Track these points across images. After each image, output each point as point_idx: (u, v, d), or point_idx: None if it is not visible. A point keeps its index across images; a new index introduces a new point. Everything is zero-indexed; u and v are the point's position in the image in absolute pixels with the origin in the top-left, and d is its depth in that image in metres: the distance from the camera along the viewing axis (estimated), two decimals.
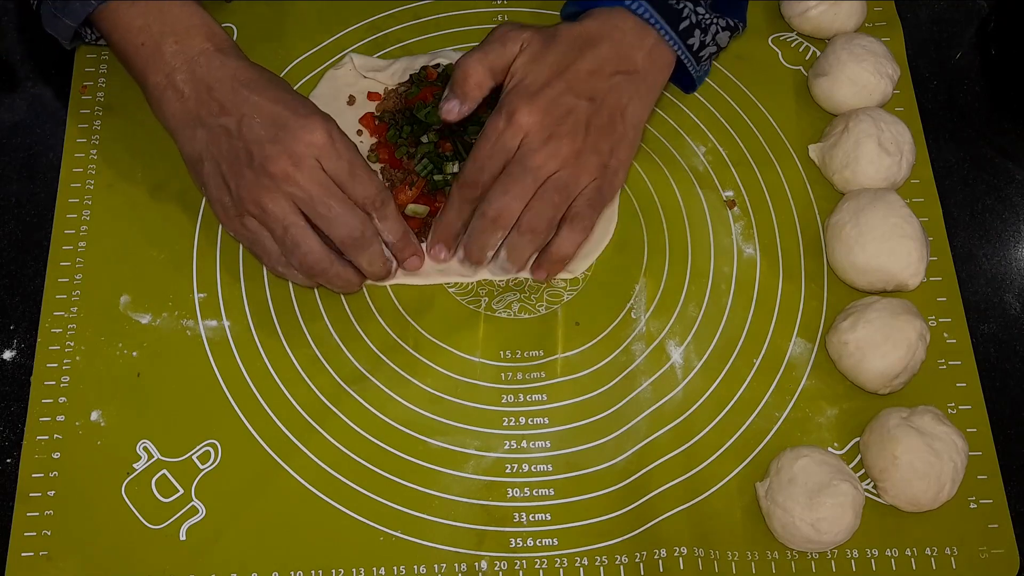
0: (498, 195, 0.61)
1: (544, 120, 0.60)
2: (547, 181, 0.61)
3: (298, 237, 0.59)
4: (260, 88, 0.61)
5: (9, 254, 0.67)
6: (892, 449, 0.60)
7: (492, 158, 0.61)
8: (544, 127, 0.60)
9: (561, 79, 0.61)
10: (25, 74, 0.74)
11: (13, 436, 0.61)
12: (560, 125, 0.60)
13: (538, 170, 0.60)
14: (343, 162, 0.60)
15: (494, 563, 0.59)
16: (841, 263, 0.66)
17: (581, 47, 0.62)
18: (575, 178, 0.61)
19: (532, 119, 0.60)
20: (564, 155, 0.61)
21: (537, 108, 0.60)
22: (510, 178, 0.61)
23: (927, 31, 0.79)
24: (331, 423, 0.62)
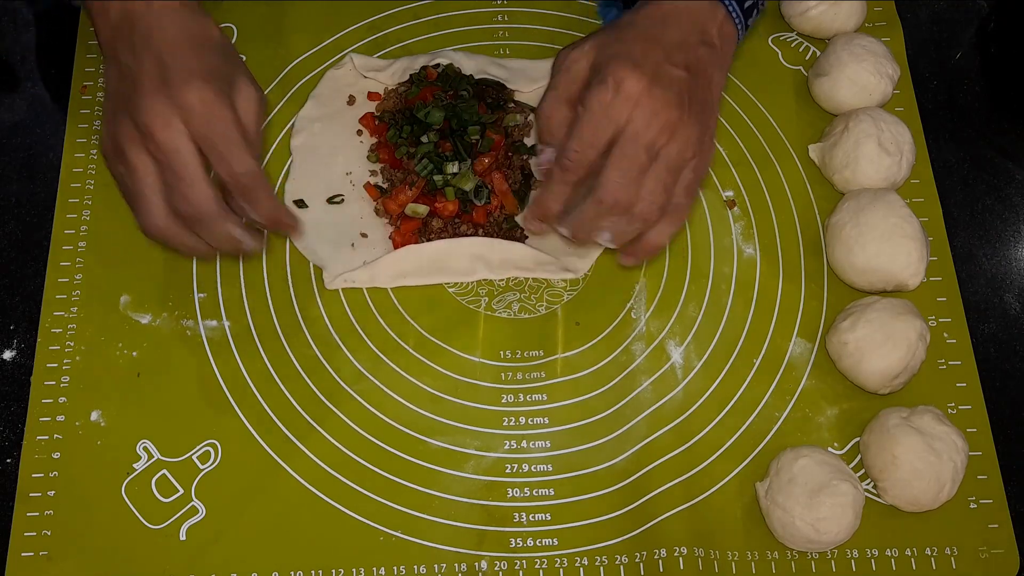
0: (615, 180, 0.57)
1: (652, 89, 0.57)
2: (658, 156, 0.58)
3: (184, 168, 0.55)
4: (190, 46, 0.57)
5: (9, 254, 0.67)
6: (892, 449, 0.60)
7: (601, 132, 0.57)
8: (653, 97, 0.57)
9: (657, 47, 0.58)
10: (25, 74, 0.74)
11: (13, 436, 0.61)
12: (667, 93, 0.57)
13: (652, 146, 0.57)
14: (212, 134, 0.55)
15: (494, 563, 0.59)
16: (841, 263, 0.66)
17: (662, 21, 0.59)
18: (682, 154, 0.58)
19: (640, 86, 0.56)
20: (674, 126, 0.57)
21: (644, 76, 0.57)
22: (625, 159, 0.57)
23: (927, 31, 0.79)
24: (331, 423, 0.62)
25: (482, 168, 0.67)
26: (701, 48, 0.60)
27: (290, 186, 0.68)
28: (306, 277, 0.66)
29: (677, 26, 0.60)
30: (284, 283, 0.66)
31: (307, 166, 0.69)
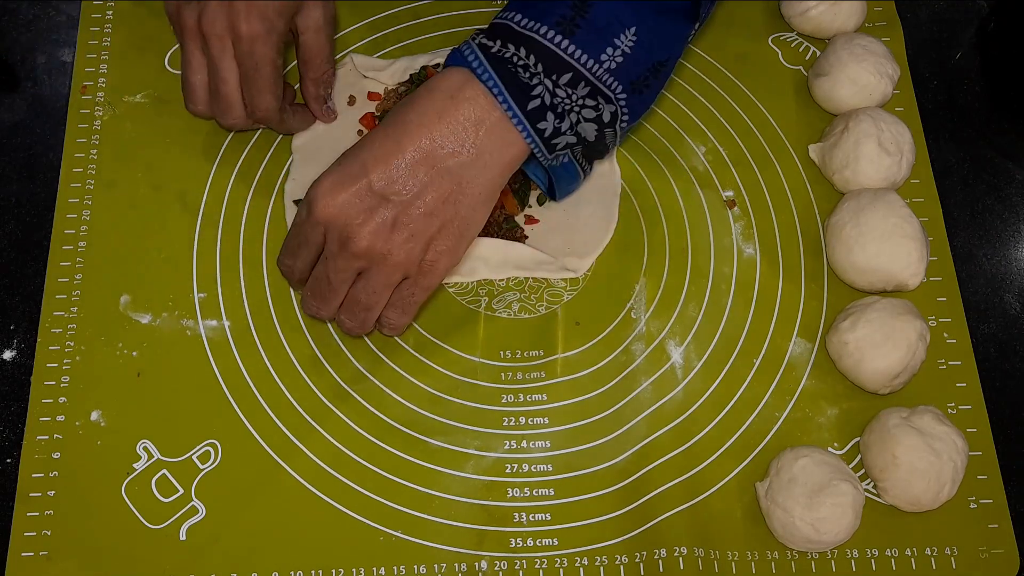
0: (308, 297, 0.60)
1: (342, 217, 0.55)
2: (358, 278, 0.58)
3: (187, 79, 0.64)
4: None
5: (9, 254, 0.67)
6: (892, 449, 0.60)
7: (300, 250, 0.58)
8: (344, 226, 0.55)
9: (364, 168, 0.54)
10: (25, 74, 0.74)
11: (13, 436, 0.61)
12: (361, 226, 0.55)
13: (341, 273, 0.57)
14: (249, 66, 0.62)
15: (494, 563, 0.59)
16: (841, 263, 0.66)
17: (403, 131, 0.55)
18: (383, 278, 0.57)
19: (330, 213, 0.55)
20: (363, 256, 0.56)
21: (335, 201, 0.54)
22: (316, 281, 0.59)
23: (927, 31, 0.79)
24: (331, 423, 0.62)
25: None
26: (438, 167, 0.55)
27: (290, 186, 0.69)
28: None
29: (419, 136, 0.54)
30: (284, 283, 0.66)
31: (308, 166, 0.69)
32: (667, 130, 0.72)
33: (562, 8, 0.54)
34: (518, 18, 0.55)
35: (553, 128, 0.55)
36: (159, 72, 0.72)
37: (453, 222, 0.57)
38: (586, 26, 0.54)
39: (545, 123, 0.55)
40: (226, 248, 0.67)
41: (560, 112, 0.55)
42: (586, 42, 0.54)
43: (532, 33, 0.54)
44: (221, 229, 0.67)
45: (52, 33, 0.75)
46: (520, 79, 0.54)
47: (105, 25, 0.74)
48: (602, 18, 0.54)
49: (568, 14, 0.54)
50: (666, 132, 0.72)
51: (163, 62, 0.73)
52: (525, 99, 0.54)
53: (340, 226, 0.55)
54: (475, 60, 0.54)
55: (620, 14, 0.54)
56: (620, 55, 0.55)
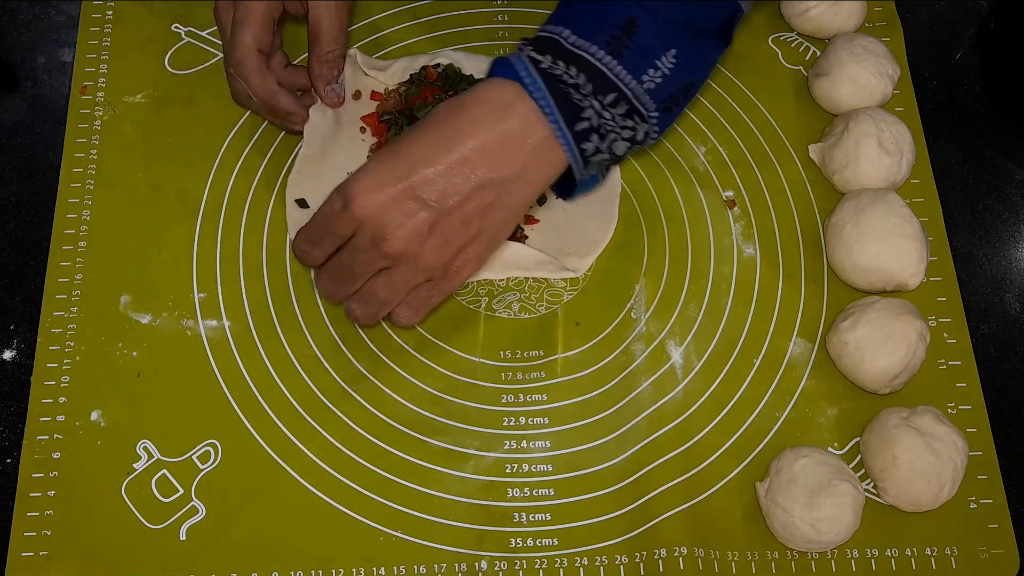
0: (324, 279, 0.58)
1: (380, 215, 0.54)
2: (378, 274, 0.57)
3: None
4: None
5: (9, 254, 0.67)
6: (892, 449, 0.60)
7: (324, 238, 0.56)
8: (380, 226, 0.54)
9: (411, 170, 0.53)
10: (25, 74, 0.74)
11: (13, 436, 0.61)
12: (399, 227, 0.54)
13: (366, 266, 0.56)
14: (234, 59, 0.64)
15: (494, 563, 0.59)
16: (841, 263, 0.66)
17: (450, 136, 0.54)
18: (406, 277, 0.57)
19: (369, 211, 0.54)
20: (394, 256, 0.55)
21: (376, 200, 0.53)
22: (338, 269, 0.57)
23: (927, 31, 0.79)
24: (331, 423, 0.62)
25: None
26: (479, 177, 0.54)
27: (292, 183, 0.68)
28: (306, 277, 0.66)
29: (466, 143, 0.54)
30: (284, 283, 0.66)
31: (309, 163, 0.69)
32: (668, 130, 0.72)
33: (611, 29, 0.54)
34: (567, 34, 0.54)
35: (594, 148, 0.56)
36: (159, 72, 0.72)
37: (485, 232, 0.57)
38: (633, 47, 0.54)
39: (589, 143, 0.55)
40: (226, 248, 0.67)
41: (603, 133, 0.55)
42: (632, 63, 0.54)
43: (582, 52, 0.54)
44: (221, 229, 0.67)
45: (52, 33, 0.75)
46: (572, 100, 0.54)
47: (105, 25, 0.74)
48: (647, 40, 0.54)
49: (617, 34, 0.54)
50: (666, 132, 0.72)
51: (163, 62, 0.73)
52: (574, 120, 0.54)
53: (376, 225, 0.54)
54: (527, 75, 0.54)
55: (663, 36, 0.55)
56: (660, 76, 0.55)
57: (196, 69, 0.73)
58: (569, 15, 0.55)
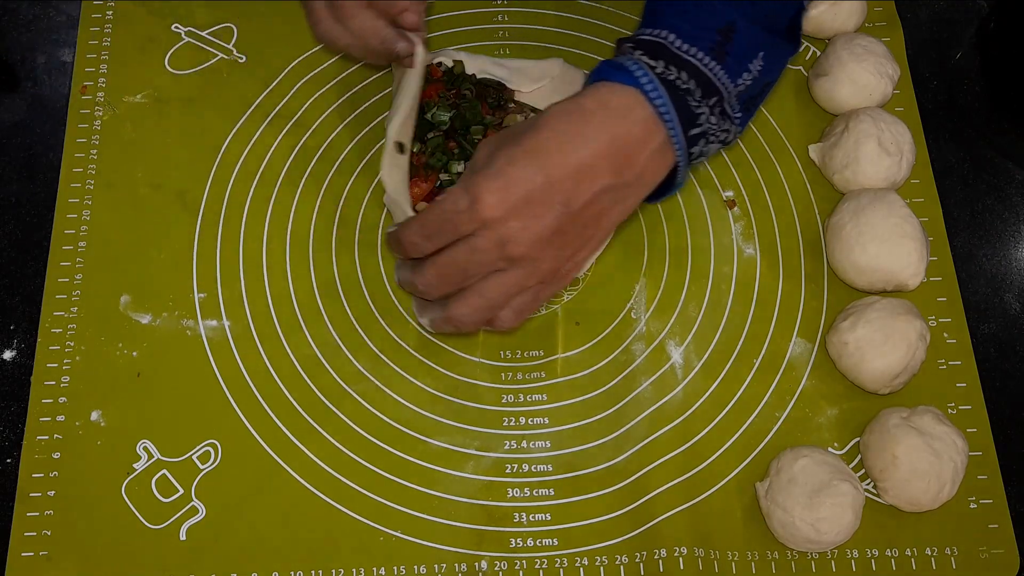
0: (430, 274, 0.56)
1: (508, 218, 0.53)
2: (489, 275, 0.55)
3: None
4: None
5: (9, 254, 0.67)
6: (892, 449, 0.60)
7: (440, 234, 0.55)
8: (507, 228, 0.53)
9: (541, 172, 0.52)
10: (25, 74, 0.74)
11: (13, 436, 0.61)
12: (524, 230, 0.53)
13: (482, 267, 0.55)
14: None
15: (494, 563, 0.59)
16: (841, 263, 0.66)
17: (573, 138, 0.53)
18: (519, 281, 0.55)
19: (497, 213, 0.52)
20: (516, 259, 0.54)
21: (506, 202, 0.52)
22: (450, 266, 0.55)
23: (927, 31, 0.79)
24: (331, 423, 0.62)
25: None
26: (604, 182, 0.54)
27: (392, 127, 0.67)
28: (306, 276, 0.66)
29: (589, 146, 0.53)
30: (284, 283, 0.66)
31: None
32: None
33: (712, 33, 0.55)
34: (673, 38, 0.55)
35: (700, 152, 0.56)
36: (159, 72, 0.72)
37: (596, 236, 0.57)
38: (733, 52, 0.55)
39: (697, 147, 0.56)
40: (226, 248, 0.67)
41: (709, 138, 0.56)
42: (732, 68, 0.55)
43: (690, 57, 0.54)
44: (221, 229, 0.67)
45: (52, 33, 0.75)
46: (689, 107, 0.54)
47: (105, 25, 0.74)
48: (743, 44, 0.55)
49: (718, 39, 0.55)
50: None
51: (163, 62, 0.73)
52: (690, 126, 0.55)
53: (503, 227, 0.53)
54: (647, 81, 0.54)
55: (755, 40, 0.56)
56: (750, 79, 0.56)
57: (196, 69, 0.73)
58: (667, 17, 0.56)
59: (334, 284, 0.66)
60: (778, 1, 0.57)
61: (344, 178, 0.70)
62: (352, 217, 0.68)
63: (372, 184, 0.69)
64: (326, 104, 0.72)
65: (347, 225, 0.68)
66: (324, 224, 0.68)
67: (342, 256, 0.67)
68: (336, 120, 0.72)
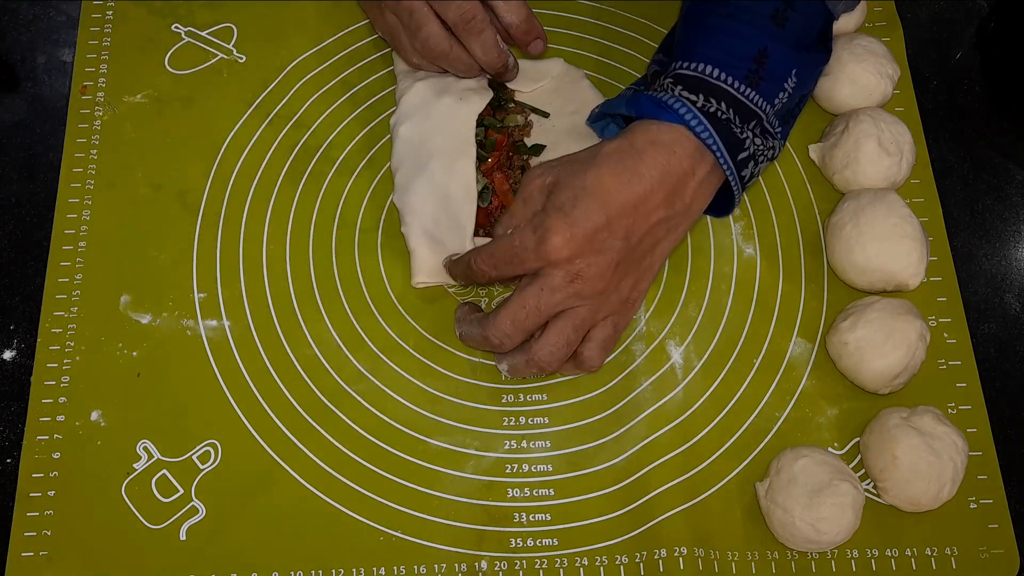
0: (504, 323, 0.58)
1: (574, 257, 0.57)
2: (562, 314, 0.58)
3: (420, 21, 0.64)
4: None
5: (9, 254, 0.67)
6: (892, 449, 0.60)
7: (509, 265, 0.58)
8: (573, 265, 0.57)
9: (603, 212, 0.56)
10: (25, 74, 0.74)
11: (13, 436, 0.61)
12: (589, 267, 0.57)
13: (554, 307, 0.58)
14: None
15: (494, 563, 0.59)
16: (841, 263, 0.66)
17: (629, 177, 0.57)
18: (591, 315, 0.59)
19: (564, 253, 0.56)
20: (585, 295, 0.58)
21: (572, 242, 0.56)
22: (522, 309, 0.58)
23: (927, 31, 0.79)
24: (331, 423, 0.62)
25: (486, 168, 0.67)
26: (659, 213, 0.58)
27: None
28: (306, 276, 0.66)
29: (642, 187, 0.57)
30: (284, 283, 0.66)
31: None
32: None
33: (747, 62, 0.59)
34: (710, 70, 0.58)
35: (751, 174, 0.61)
36: (159, 72, 0.72)
37: (655, 265, 0.61)
38: (767, 77, 0.59)
39: (747, 170, 0.60)
40: (226, 248, 0.67)
41: (757, 159, 0.60)
42: (767, 91, 0.59)
43: (727, 87, 0.58)
44: (221, 229, 0.67)
45: (52, 33, 0.75)
46: (734, 134, 0.58)
47: (105, 25, 0.74)
48: (776, 67, 0.59)
49: (752, 67, 0.59)
50: None
51: (163, 62, 0.73)
52: (738, 151, 0.59)
53: (570, 266, 0.57)
54: (692, 117, 0.57)
55: (787, 61, 0.60)
56: (786, 96, 0.61)
57: (196, 69, 0.73)
58: (701, 48, 0.59)
59: (334, 284, 0.66)
60: (806, 17, 0.60)
61: (344, 178, 0.70)
62: (352, 217, 0.68)
63: (372, 184, 0.70)
64: (326, 104, 0.72)
65: (347, 225, 0.68)
66: (324, 224, 0.68)
67: (342, 256, 0.67)
68: (336, 120, 0.72)
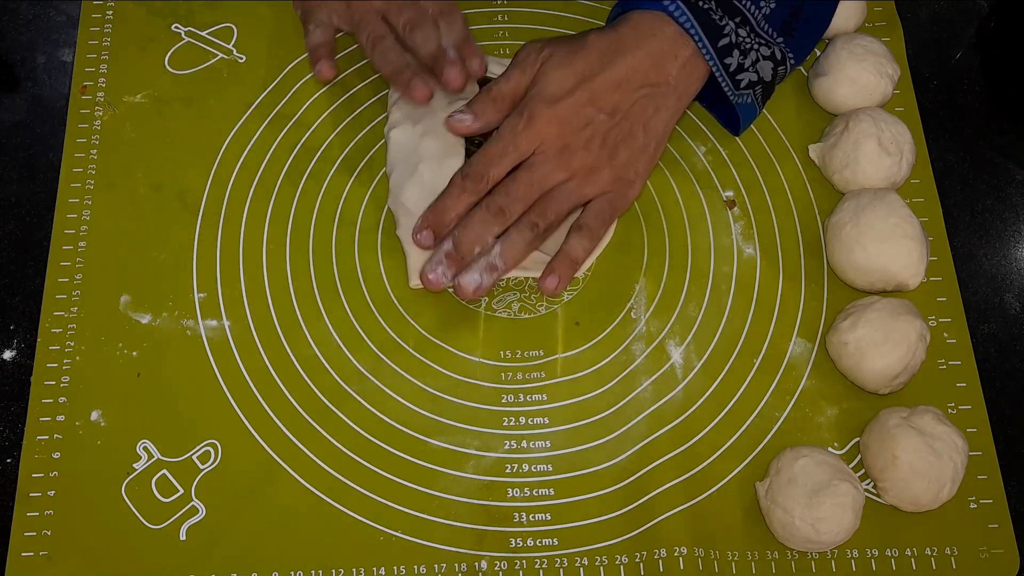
0: (502, 194, 0.62)
1: (562, 130, 0.61)
2: (553, 189, 0.62)
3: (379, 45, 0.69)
4: None
5: (9, 254, 0.67)
6: (892, 449, 0.60)
7: (504, 156, 0.62)
8: (560, 137, 0.61)
9: (585, 89, 0.61)
10: (25, 74, 0.74)
11: (13, 436, 0.61)
12: (576, 137, 0.61)
13: (545, 178, 0.62)
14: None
15: (494, 563, 0.59)
16: (841, 263, 0.66)
17: (612, 55, 0.62)
18: (581, 188, 0.62)
19: (550, 128, 0.61)
20: (575, 167, 0.62)
21: (556, 117, 0.61)
22: (516, 181, 0.62)
23: (927, 31, 0.79)
24: (331, 423, 0.62)
25: None
26: (643, 89, 0.62)
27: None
28: (306, 276, 0.66)
29: (624, 64, 0.62)
30: (284, 283, 0.66)
31: None
32: None
33: None
34: None
35: (737, 64, 0.63)
36: (159, 72, 0.72)
37: (649, 145, 0.64)
38: None
39: (731, 59, 0.63)
40: (226, 248, 0.67)
41: (744, 50, 0.63)
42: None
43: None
44: (221, 229, 0.67)
45: (52, 33, 0.75)
46: (712, 20, 0.62)
47: (105, 25, 0.74)
48: None
49: None
50: None
51: (163, 62, 0.73)
52: (717, 37, 0.62)
53: (555, 137, 0.61)
54: (671, 4, 0.62)
55: None
56: (773, 2, 0.64)
57: (196, 69, 0.73)
58: None
59: (334, 284, 0.66)
60: None
61: (344, 178, 0.70)
62: (352, 217, 0.68)
63: (372, 184, 0.70)
64: (326, 104, 0.72)
65: (347, 225, 0.68)
66: (324, 224, 0.68)
67: (342, 256, 0.67)
68: (336, 120, 0.72)
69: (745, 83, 0.65)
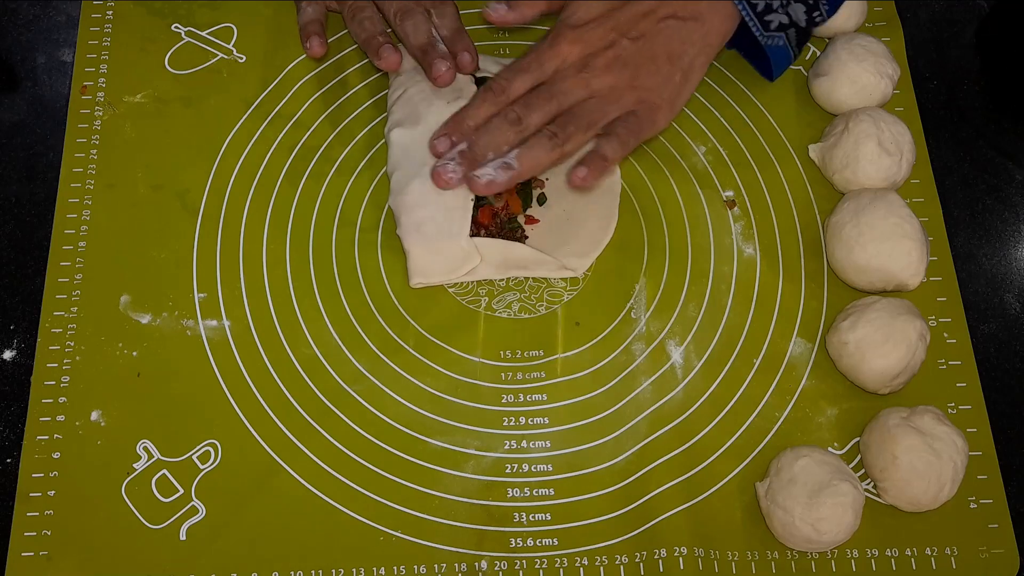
0: (521, 104, 0.62)
1: (584, 50, 0.63)
2: (575, 106, 0.63)
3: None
4: None
5: (9, 254, 0.67)
6: (892, 449, 0.60)
7: (527, 72, 0.63)
8: (582, 57, 0.63)
9: (611, 16, 0.63)
10: (25, 74, 0.74)
11: (13, 436, 0.61)
12: (598, 58, 0.62)
13: (565, 94, 0.62)
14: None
15: (494, 563, 0.59)
16: (841, 263, 0.66)
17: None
18: (603, 106, 0.63)
19: (573, 48, 0.62)
20: (596, 87, 0.62)
21: (580, 39, 0.62)
22: (537, 95, 0.62)
23: (927, 31, 0.79)
24: (331, 423, 0.62)
25: None
26: (668, 20, 0.64)
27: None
28: (306, 276, 0.66)
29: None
30: (284, 283, 0.66)
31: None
32: (667, 130, 0.72)
33: None
34: None
35: (765, 4, 0.64)
36: (159, 72, 0.73)
37: (673, 77, 0.64)
38: None
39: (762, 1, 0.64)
40: (226, 248, 0.67)
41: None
42: None
43: None
44: (221, 229, 0.67)
45: (52, 33, 0.75)
46: None
47: (105, 25, 0.74)
48: None
49: None
50: (666, 132, 0.72)
51: (163, 62, 0.73)
52: None
53: (577, 56, 0.63)
54: None
55: None
56: None
57: (196, 69, 0.73)
58: None
59: (334, 284, 0.66)
60: None
61: (344, 178, 0.70)
62: (352, 216, 0.68)
63: (372, 184, 0.70)
64: (326, 104, 0.72)
65: (347, 225, 0.68)
66: (324, 224, 0.68)
67: (342, 256, 0.67)
68: (336, 120, 0.72)
69: (775, 24, 0.66)
